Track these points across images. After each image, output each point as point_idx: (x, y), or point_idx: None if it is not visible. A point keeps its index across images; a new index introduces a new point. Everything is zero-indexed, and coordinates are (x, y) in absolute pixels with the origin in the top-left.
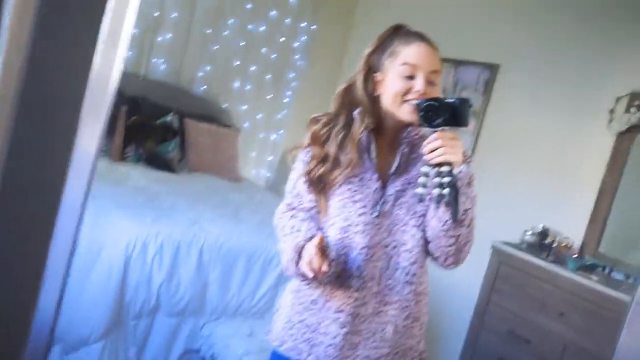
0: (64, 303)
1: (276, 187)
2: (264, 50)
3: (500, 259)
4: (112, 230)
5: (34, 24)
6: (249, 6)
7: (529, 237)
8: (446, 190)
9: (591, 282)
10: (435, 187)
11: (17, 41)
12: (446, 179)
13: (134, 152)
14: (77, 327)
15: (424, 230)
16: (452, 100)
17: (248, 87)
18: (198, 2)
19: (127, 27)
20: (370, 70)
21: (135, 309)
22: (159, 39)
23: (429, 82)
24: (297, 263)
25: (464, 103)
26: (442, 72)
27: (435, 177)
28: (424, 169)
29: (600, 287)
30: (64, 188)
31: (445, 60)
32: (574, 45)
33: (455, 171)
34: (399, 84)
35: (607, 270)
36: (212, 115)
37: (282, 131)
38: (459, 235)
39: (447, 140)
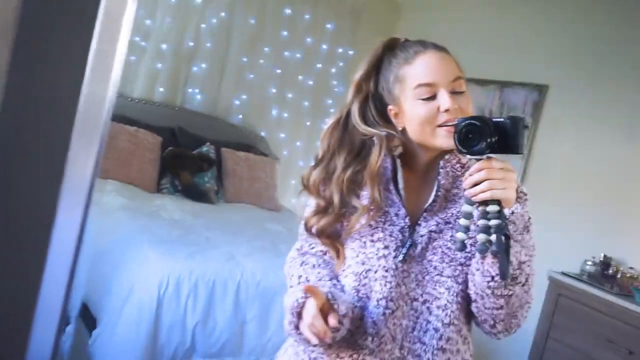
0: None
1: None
2: (300, 77)
3: (558, 291)
4: (144, 268)
5: (11, 50)
6: (284, 33)
7: (589, 266)
8: (494, 237)
9: None
10: (479, 232)
11: None
12: (494, 222)
13: (169, 183)
14: None
15: (463, 284)
16: (501, 119)
17: (285, 114)
18: (233, 31)
19: (119, 50)
20: (367, 98)
21: (169, 351)
22: (194, 69)
23: (454, 93)
24: (297, 326)
25: (516, 123)
26: (482, 92)
27: (480, 218)
28: (466, 208)
29: None
30: (56, 217)
31: (490, 82)
32: (627, 62)
33: (506, 212)
34: (422, 110)
35: None
36: (249, 144)
37: None
38: (510, 296)
39: (495, 171)
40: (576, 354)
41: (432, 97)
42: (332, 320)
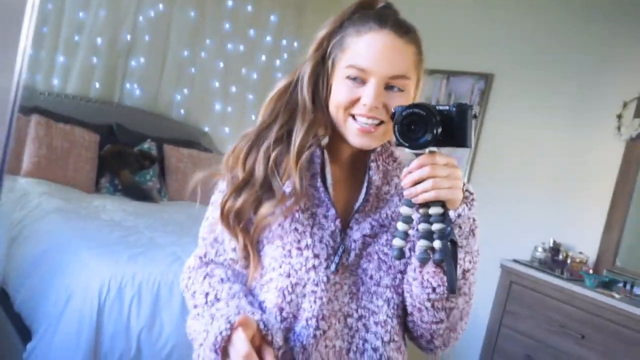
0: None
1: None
2: (244, 70)
3: (510, 278)
4: (82, 273)
5: None
6: (226, 25)
7: (539, 253)
8: (437, 243)
9: (613, 301)
10: (420, 238)
11: None
12: (437, 226)
13: (108, 182)
14: None
15: (402, 295)
16: (446, 107)
17: (230, 109)
18: (173, 24)
19: (22, 40)
20: (325, 61)
21: (113, 359)
22: (132, 63)
23: (389, 89)
24: None
25: (464, 111)
26: (428, 82)
27: (421, 222)
28: (404, 210)
29: (624, 306)
30: None
31: (436, 72)
32: (574, 49)
33: (451, 215)
34: (343, 91)
35: (627, 286)
36: (192, 140)
37: None
38: (452, 309)
39: (440, 167)
40: (530, 341)
41: (362, 82)
42: (270, 358)
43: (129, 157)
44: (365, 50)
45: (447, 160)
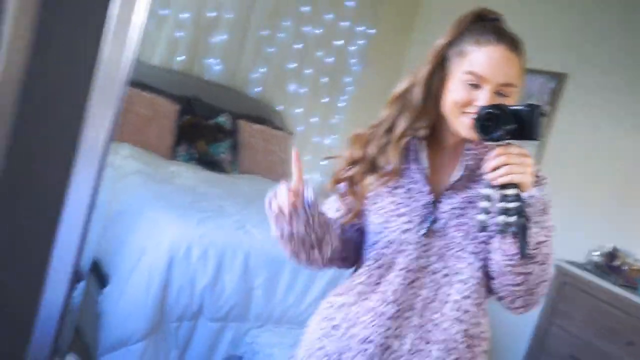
0: (106, 301)
1: (329, 192)
2: (319, 53)
3: (563, 279)
4: (156, 230)
5: (36, 14)
6: (305, 8)
7: (596, 257)
8: (513, 219)
9: None
10: (499, 214)
11: (20, 31)
12: (512, 205)
13: (185, 151)
14: (118, 327)
15: (484, 261)
16: (519, 107)
17: (303, 90)
18: (255, 4)
19: (137, 16)
20: (441, 65)
21: (177, 311)
22: (214, 39)
23: (498, 95)
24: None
25: (533, 111)
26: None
27: (500, 201)
28: (486, 191)
29: None
30: (71, 180)
31: None
32: None
33: (523, 195)
34: (461, 92)
35: None
36: (265, 118)
37: (336, 136)
38: (529, 273)
39: (513, 156)
40: (577, 341)
41: (477, 87)
42: (291, 195)
43: (205, 128)
44: (484, 60)
45: (520, 150)
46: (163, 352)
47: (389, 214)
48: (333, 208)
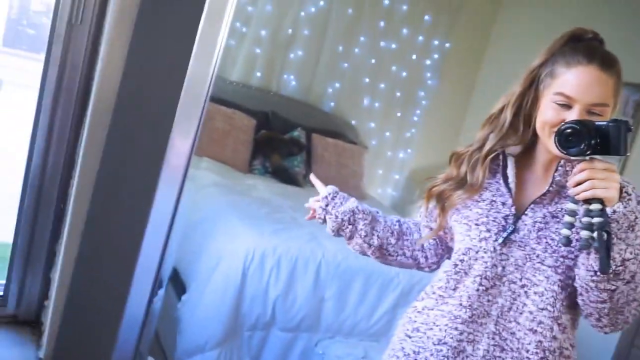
0: (184, 308)
1: (401, 206)
2: (394, 68)
3: None
4: (232, 240)
5: (133, 31)
6: (381, 24)
7: None
8: (596, 234)
9: None
10: (583, 229)
11: (116, 48)
12: (596, 220)
13: (261, 165)
14: (194, 333)
15: (563, 275)
16: (603, 123)
17: (377, 104)
18: (331, 20)
19: (221, 35)
20: (532, 86)
21: (250, 320)
22: (291, 55)
23: (590, 114)
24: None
25: (619, 126)
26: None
27: (584, 216)
28: (570, 205)
29: None
30: (157, 189)
31: None
32: None
33: (608, 210)
34: (550, 113)
35: None
36: (339, 132)
37: (410, 150)
38: (614, 290)
39: (597, 171)
40: None
41: (567, 107)
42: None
43: (280, 142)
44: (573, 81)
45: (605, 166)
46: None
47: (471, 223)
48: (423, 212)
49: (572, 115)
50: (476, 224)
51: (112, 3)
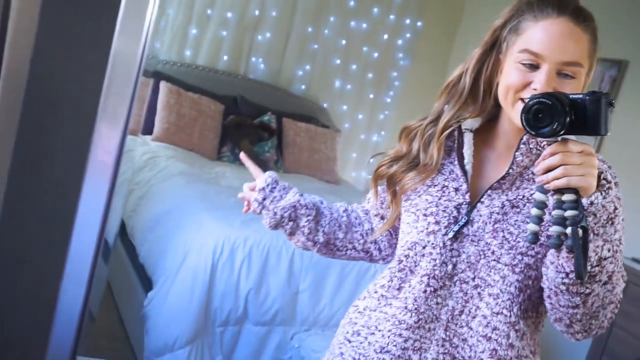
0: (150, 306)
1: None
2: (365, 48)
3: (629, 279)
4: (200, 233)
5: (40, 6)
6: (351, 3)
7: None
8: (569, 230)
9: None
10: (553, 224)
11: (24, 25)
12: (569, 213)
13: (229, 151)
14: (162, 332)
15: (522, 276)
16: (579, 95)
17: (349, 86)
18: (299, 0)
19: (150, 6)
20: (494, 48)
21: (222, 316)
22: (259, 38)
23: (561, 75)
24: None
25: (596, 100)
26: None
27: (555, 208)
28: (538, 196)
29: None
30: (87, 168)
31: None
32: None
33: (584, 202)
34: (515, 75)
35: None
36: (311, 116)
37: (383, 132)
38: (589, 294)
39: (572, 155)
40: None
41: (535, 67)
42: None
43: (250, 128)
44: (541, 35)
45: (581, 147)
46: (208, 358)
47: (419, 213)
48: (372, 201)
49: (540, 76)
50: (424, 215)
51: None
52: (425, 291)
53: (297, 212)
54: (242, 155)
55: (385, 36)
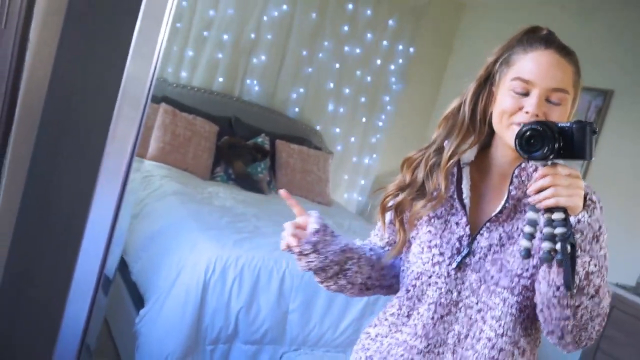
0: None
1: (368, 212)
2: (358, 72)
3: (613, 303)
4: (192, 252)
5: (60, 35)
6: (345, 28)
7: None
8: (558, 246)
9: None
10: (544, 240)
11: (43, 53)
12: (559, 230)
13: (223, 171)
14: (153, 349)
15: (520, 297)
16: (567, 124)
17: (342, 109)
18: (294, 25)
19: (161, 35)
20: (488, 82)
21: (212, 334)
22: (254, 60)
23: (549, 102)
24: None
25: (582, 128)
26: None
27: (545, 226)
28: (531, 215)
29: None
30: (94, 194)
31: None
32: None
33: (571, 220)
34: (508, 101)
35: None
36: (304, 138)
37: (375, 155)
38: (577, 307)
39: (560, 177)
40: None
41: (525, 95)
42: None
43: (244, 149)
44: (531, 65)
45: (569, 171)
46: None
47: (424, 244)
48: (378, 236)
49: (530, 100)
50: (429, 247)
51: (38, 4)
52: (432, 317)
53: (344, 255)
54: (283, 192)
55: (379, 61)
